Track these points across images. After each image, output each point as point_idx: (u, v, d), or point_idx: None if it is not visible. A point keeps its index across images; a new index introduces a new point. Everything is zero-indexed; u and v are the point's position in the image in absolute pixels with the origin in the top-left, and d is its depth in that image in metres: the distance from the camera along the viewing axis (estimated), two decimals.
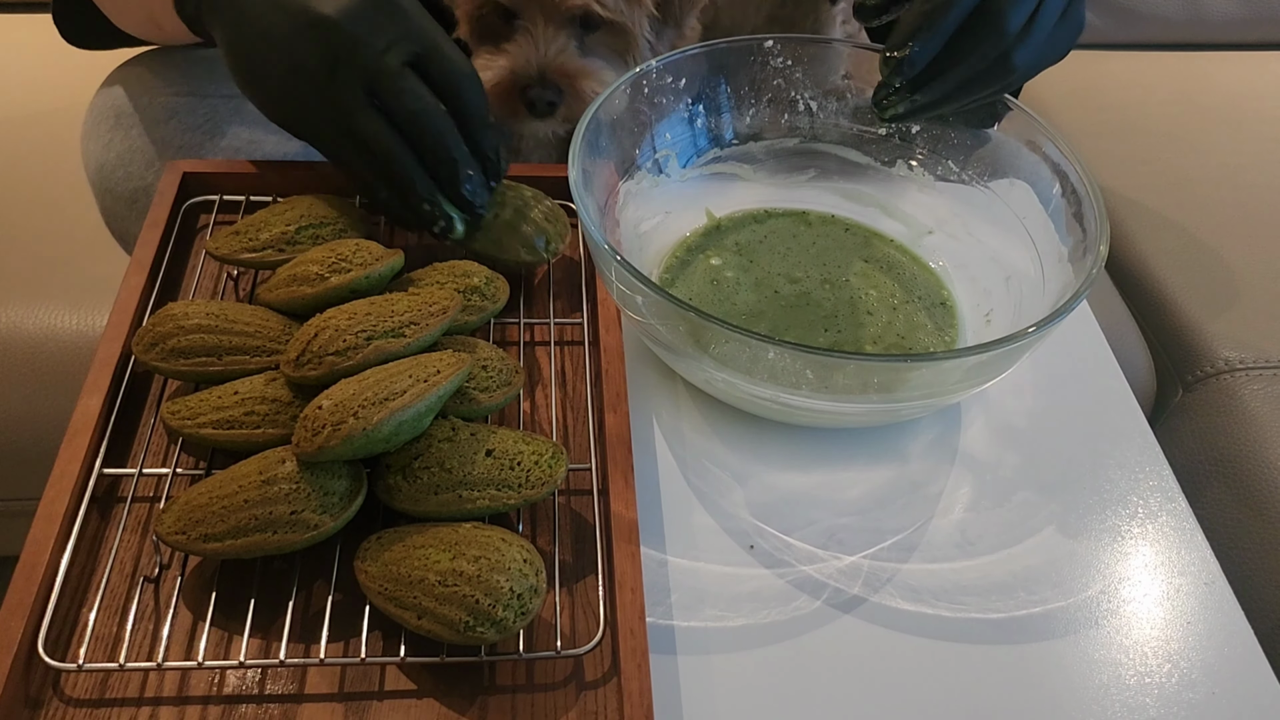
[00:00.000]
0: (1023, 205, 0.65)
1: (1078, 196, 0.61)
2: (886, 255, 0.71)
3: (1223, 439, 0.95)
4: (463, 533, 0.49)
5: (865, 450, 0.62)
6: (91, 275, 0.99)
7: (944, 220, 0.71)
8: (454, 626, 0.47)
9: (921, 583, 0.56)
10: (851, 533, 0.58)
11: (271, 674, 0.49)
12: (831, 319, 0.66)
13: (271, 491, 0.49)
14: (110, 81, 0.80)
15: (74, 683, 0.48)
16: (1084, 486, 0.61)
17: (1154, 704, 0.52)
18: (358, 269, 0.58)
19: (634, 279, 0.54)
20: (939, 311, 0.67)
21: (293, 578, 0.52)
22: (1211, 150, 1.23)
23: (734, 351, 0.56)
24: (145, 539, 0.53)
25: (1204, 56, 1.39)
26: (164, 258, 0.65)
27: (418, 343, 0.54)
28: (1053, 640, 0.54)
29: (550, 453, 0.53)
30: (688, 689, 0.51)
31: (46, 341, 0.95)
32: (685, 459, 0.61)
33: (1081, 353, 0.69)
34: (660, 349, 0.61)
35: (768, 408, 0.59)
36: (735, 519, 0.58)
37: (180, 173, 0.69)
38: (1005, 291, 0.65)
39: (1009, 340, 0.53)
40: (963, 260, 0.69)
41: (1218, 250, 1.09)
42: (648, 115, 0.69)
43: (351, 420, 0.48)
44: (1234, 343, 1.00)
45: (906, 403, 0.57)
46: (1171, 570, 0.58)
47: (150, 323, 0.57)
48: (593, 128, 0.63)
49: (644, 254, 0.69)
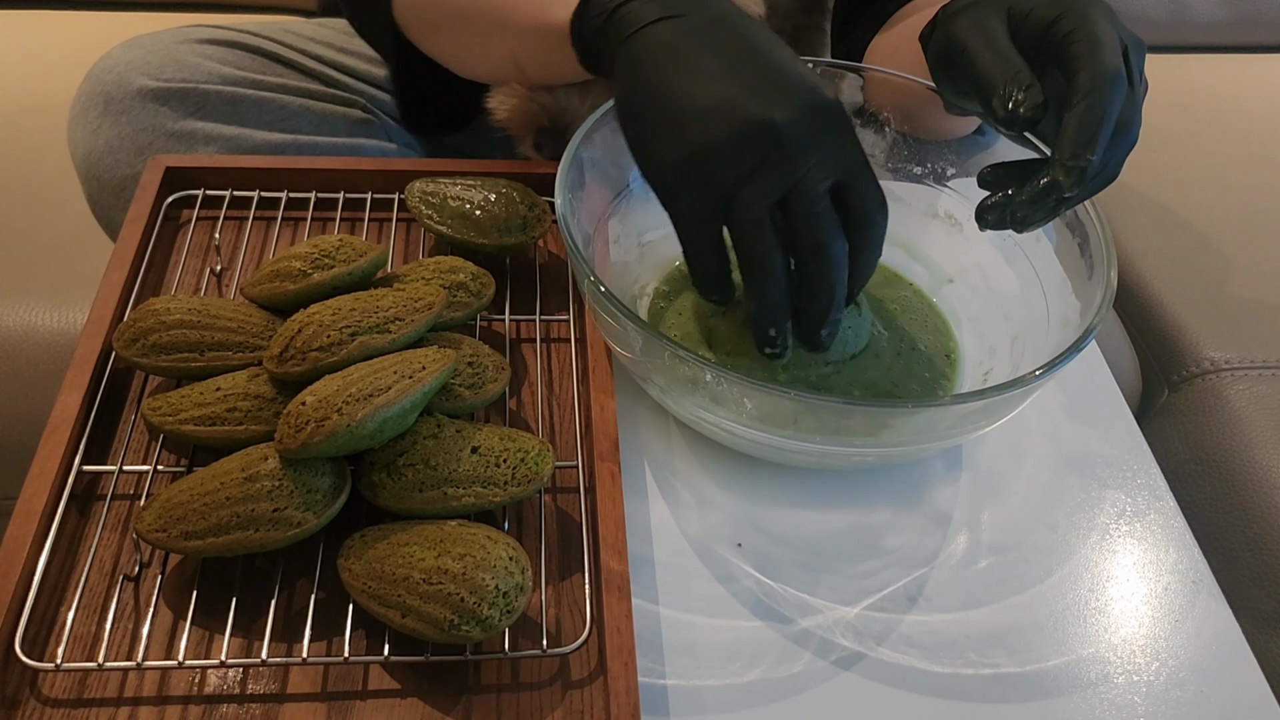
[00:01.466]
0: (1044, 263, 0.64)
1: (1093, 259, 0.59)
2: (902, 299, 0.68)
3: (1209, 439, 0.95)
4: (448, 530, 0.49)
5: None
6: (73, 272, 0.98)
7: (965, 270, 0.68)
8: (439, 625, 0.46)
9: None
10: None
11: (253, 673, 0.48)
12: (825, 358, 0.63)
13: (254, 489, 0.48)
14: (99, 68, 0.79)
15: (52, 682, 0.47)
16: (1071, 485, 0.61)
17: (1142, 702, 0.52)
18: (341, 265, 0.58)
19: (586, 271, 0.53)
20: (942, 363, 0.65)
21: (275, 576, 0.51)
22: (1197, 152, 1.23)
23: (695, 374, 0.53)
24: (125, 537, 0.53)
25: (1189, 59, 1.40)
26: (146, 253, 0.64)
27: (403, 338, 0.54)
28: (1040, 638, 0.54)
29: (536, 450, 0.53)
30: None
31: (26, 338, 0.94)
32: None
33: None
34: (646, 383, 0.60)
35: (747, 445, 0.57)
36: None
37: (163, 168, 0.68)
38: (1009, 352, 0.63)
39: (987, 393, 0.51)
40: (976, 314, 0.67)
41: (1203, 251, 1.10)
42: None
43: (335, 416, 0.48)
44: (1220, 343, 1.00)
45: (899, 447, 0.55)
46: (1160, 569, 0.58)
47: (131, 318, 0.56)
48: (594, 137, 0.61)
49: (644, 264, 0.68)
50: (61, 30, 1.28)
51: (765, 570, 0.56)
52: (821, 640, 0.53)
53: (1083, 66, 0.51)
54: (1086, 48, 0.51)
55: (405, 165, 0.70)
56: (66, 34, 1.27)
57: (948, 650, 0.53)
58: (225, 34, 0.85)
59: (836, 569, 0.56)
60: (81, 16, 1.30)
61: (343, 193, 0.70)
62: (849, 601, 0.55)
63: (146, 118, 0.77)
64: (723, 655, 0.52)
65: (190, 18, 0.92)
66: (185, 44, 0.82)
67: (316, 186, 0.70)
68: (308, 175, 0.70)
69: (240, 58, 0.83)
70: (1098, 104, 0.50)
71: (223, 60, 0.82)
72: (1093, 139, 0.50)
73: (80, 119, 0.81)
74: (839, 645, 0.53)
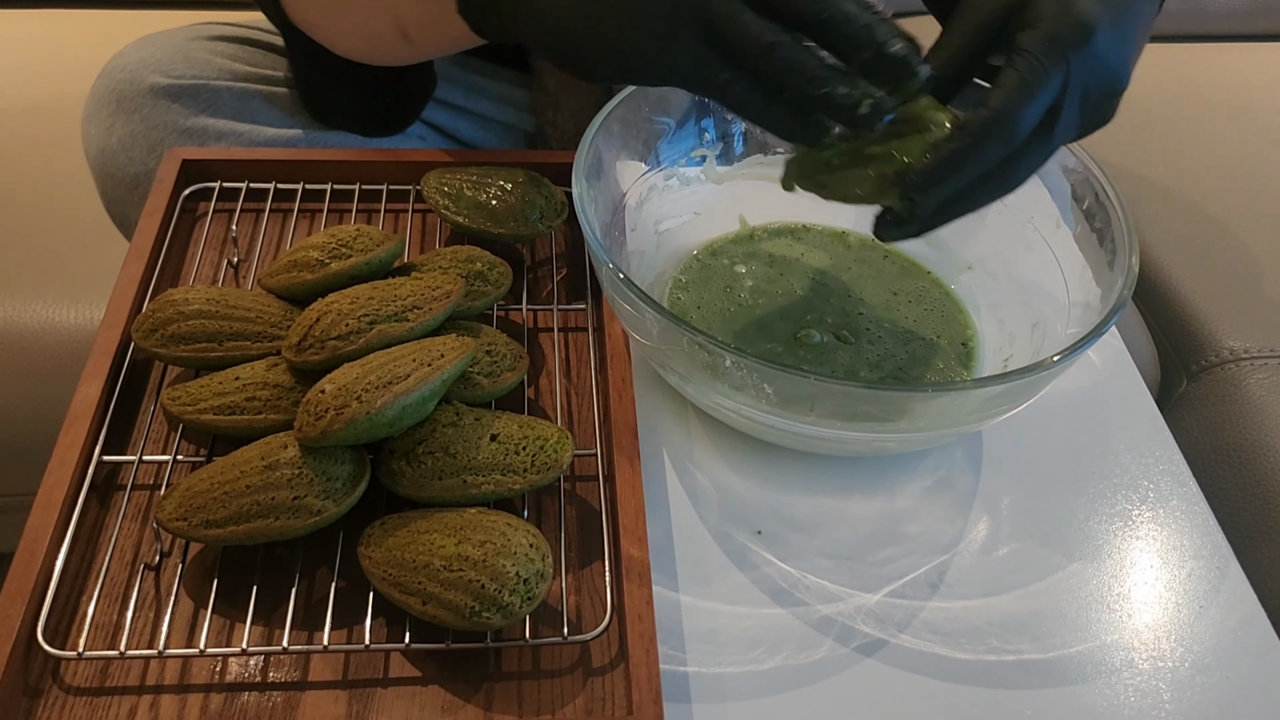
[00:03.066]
0: (1064, 250, 0.63)
1: (1114, 245, 0.58)
2: (920, 289, 0.68)
3: (1229, 429, 0.94)
4: (468, 518, 0.49)
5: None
6: (89, 269, 0.98)
7: (984, 257, 0.68)
8: (459, 612, 0.46)
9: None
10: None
11: (274, 661, 0.48)
12: (839, 348, 0.63)
13: (273, 477, 0.48)
14: (111, 66, 0.80)
15: (74, 671, 0.47)
16: (1093, 471, 0.61)
17: (1167, 688, 0.51)
18: (358, 254, 0.58)
19: (604, 258, 0.53)
20: (959, 352, 0.64)
21: (295, 564, 0.51)
22: (1215, 141, 1.22)
23: (716, 360, 0.53)
24: (145, 527, 0.53)
25: (1206, 48, 1.39)
26: (163, 245, 0.64)
27: (421, 327, 0.54)
28: (1063, 624, 0.53)
29: (555, 438, 0.53)
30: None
31: (44, 335, 0.94)
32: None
33: None
34: (664, 370, 0.59)
35: (766, 431, 0.57)
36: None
37: (179, 160, 0.68)
38: (1029, 338, 0.63)
39: (1009, 377, 0.51)
40: (995, 300, 0.66)
41: (1221, 240, 1.09)
42: (689, 107, 0.67)
43: (355, 404, 0.48)
44: (1239, 332, 0.99)
45: (919, 433, 0.55)
46: (1184, 554, 0.57)
47: (150, 308, 0.56)
48: (614, 117, 0.61)
49: (661, 252, 0.67)
50: (75, 29, 1.28)
51: (785, 557, 0.56)
52: (843, 627, 0.53)
53: (992, 87, 0.47)
54: (1008, 73, 0.47)
55: (421, 156, 0.70)
56: (79, 33, 1.27)
57: (970, 637, 0.53)
58: (236, 30, 0.85)
59: (857, 556, 0.56)
60: (94, 15, 1.31)
61: (359, 184, 0.70)
62: (870, 588, 0.55)
63: (159, 115, 0.78)
64: (744, 642, 0.52)
65: (202, 15, 0.92)
66: (196, 41, 0.82)
67: (332, 178, 0.70)
68: (323, 167, 0.70)
69: (251, 54, 0.83)
70: (964, 137, 0.47)
71: (234, 56, 0.82)
72: (927, 170, 0.47)
73: (93, 117, 0.81)
74: (860, 632, 0.53)
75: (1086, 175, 0.61)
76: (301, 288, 0.58)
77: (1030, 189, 0.64)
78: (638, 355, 0.62)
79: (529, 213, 0.64)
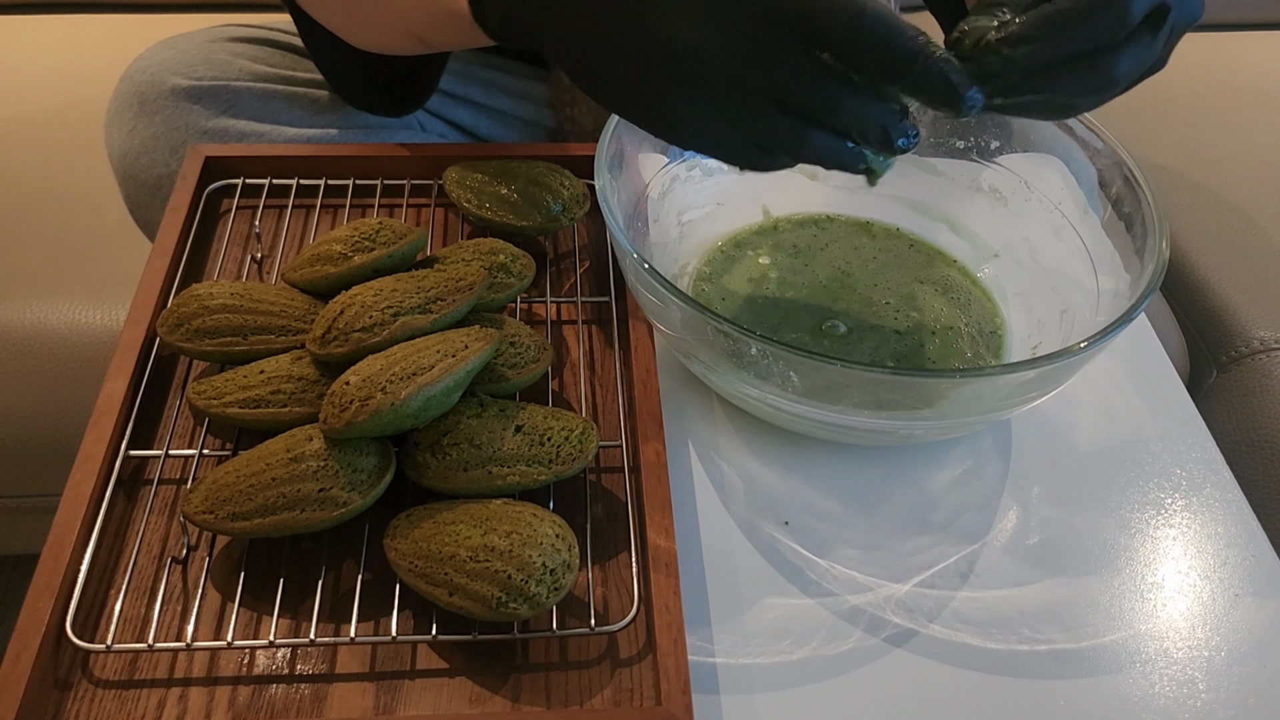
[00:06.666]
0: (1093, 237, 0.62)
1: (1144, 229, 0.57)
2: (946, 278, 0.67)
3: (1260, 419, 0.93)
4: (493, 508, 0.48)
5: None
6: (114, 270, 0.99)
7: (1012, 245, 0.67)
8: (486, 602, 0.46)
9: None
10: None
11: (301, 653, 0.48)
12: (864, 337, 0.63)
13: (299, 469, 0.48)
14: (133, 69, 0.80)
15: (103, 664, 0.47)
16: (1124, 460, 0.60)
17: (1203, 678, 0.51)
18: (381, 248, 0.57)
19: (628, 248, 0.53)
20: (987, 340, 0.64)
21: (322, 557, 0.51)
22: (1243, 130, 1.21)
23: (743, 348, 0.53)
24: (172, 520, 0.53)
25: (1233, 36, 1.37)
26: (187, 242, 0.65)
27: (444, 318, 0.54)
28: (1096, 614, 0.53)
29: (580, 429, 0.52)
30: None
31: (70, 337, 0.95)
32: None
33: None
34: (689, 361, 0.59)
35: (792, 420, 0.57)
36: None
37: (202, 158, 0.68)
38: (1058, 325, 0.62)
39: (1038, 363, 0.50)
40: (1023, 288, 0.66)
41: (1250, 230, 1.08)
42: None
43: (379, 395, 0.48)
44: (1268, 322, 0.98)
45: (950, 420, 0.54)
46: (1218, 543, 0.56)
47: (175, 303, 0.56)
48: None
49: (684, 243, 0.67)
50: (97, 33, 1.29)
51: (813, 548, 0.55)
52: (872, 617, 0.52)
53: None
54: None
55: (442, 150, 0.70)
56: (102, 37, 1.28)
57: (1001, 626, 0.52)
58: (256, 32, 0.85)
59: (886, 546, 0.55)
60: (117, 19, 1.32)
61: (381, 179, 0.70)
62: (899, 578, 0.54)
63: (180, 116, 0.78)
64: (772, 633, 0.52)
65: (223, 18, 0.92)
66: (217, 43, 0.83)
67: (354, 174, 0.70)
68: (345, 163, 0.70)
69: (271, 54, 0.83)
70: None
71: (254, 58, 0.82)
72: (1035, 21, 0.45)
73: (116, 119, 0.81)
74: (890, 622, 0.52)
75: (1114, 160, 0.60)
76: (325, 281, 0.58)
77: (1057, 175, 0.64)
78: (662, 347, 0.62)
79: (551, 205, 0.64)
